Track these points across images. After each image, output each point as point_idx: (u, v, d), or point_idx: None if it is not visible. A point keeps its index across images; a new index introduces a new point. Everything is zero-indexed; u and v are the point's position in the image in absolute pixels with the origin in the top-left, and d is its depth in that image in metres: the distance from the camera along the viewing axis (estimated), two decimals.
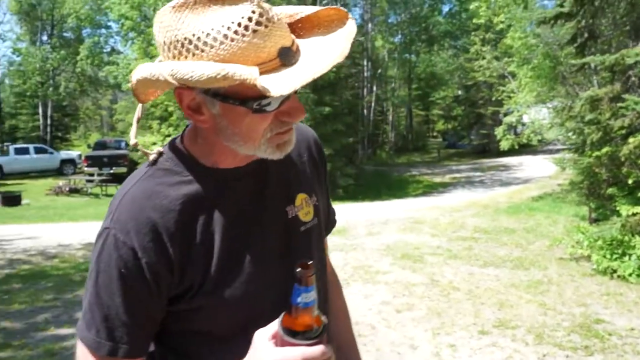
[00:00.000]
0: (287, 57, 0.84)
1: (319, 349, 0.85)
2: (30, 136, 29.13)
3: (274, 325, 0.88)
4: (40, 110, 29.24)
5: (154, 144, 19.96)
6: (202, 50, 0.81)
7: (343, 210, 11.03)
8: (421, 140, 43.94)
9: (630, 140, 6.54)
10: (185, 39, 0.82)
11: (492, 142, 29.48)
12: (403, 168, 28.31)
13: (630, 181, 6.68)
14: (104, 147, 23.39)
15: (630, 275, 5.96)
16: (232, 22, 0.80)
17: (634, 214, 6.20)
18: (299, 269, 0.84)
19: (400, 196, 17.64)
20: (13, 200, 15.52)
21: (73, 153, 25.52)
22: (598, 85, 8.60)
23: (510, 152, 26.26)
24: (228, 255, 0.97)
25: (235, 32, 0.80)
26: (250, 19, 0.80)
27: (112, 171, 20.24)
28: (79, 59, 27.59)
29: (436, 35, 35.92)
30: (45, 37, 30.26)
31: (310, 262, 0.85)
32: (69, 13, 27.66)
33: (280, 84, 0.80)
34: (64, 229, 10.72)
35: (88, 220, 12.07)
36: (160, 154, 1.01)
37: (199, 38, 0.81)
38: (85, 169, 20.66)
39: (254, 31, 0.80)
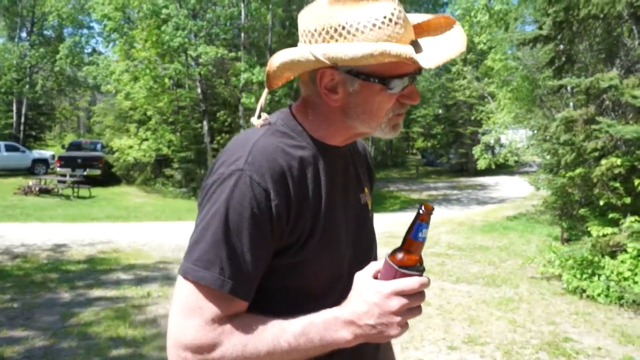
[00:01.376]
0: (416, 47, 1.02)
1: (427, 278, 0.98)
2: (2, 133, 28.35)
3: (371, 268, 1.02)
4: (14, 108, 28.49)
5: (131, 147, 19.63)
6: (354, 35, 0.98)
7: None
8: (400, 156, 44.18)
9: (603, 162, 6.61)
10: (339, 25, 0.99)
11: (470, 161, 29.77)
12: (381, 183, 28.35)
13: (601, 202, 6.73)
14: (79, 148, 22.92)
15: (599, 295, 5.97)
16: (379, 15, 0.98)
17: (604, 235, 6.22)
18: (422, 208, 0.98)
19: (378, 210, 17.53)
20: None
21: (46, 153, 24.90)
22: (574, 108, 8.70)
23: (488, 172, 26.51)
24: (329, 218, 1.10)
25: (382, 23, 0.98)
26: (393, 14, 0.98)
27: (85, 173, 19.82)
28: (58, 57, 26.75)
29: None
30: (24, 34, 29.47)
31: (431, 204, 0.98)
32: (50, 11, 26.97)
33: (428, 60, 0.99)
34: (30, 229, 10.43)
35: (57, 222, 11.79)
36: (268, 122, 1.13)
37: (351, 25, 0.98)
38: (58, 169, 20.16)
39: (396, 23, 0.98)
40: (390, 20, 0.98)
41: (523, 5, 14.00)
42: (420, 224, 0.97)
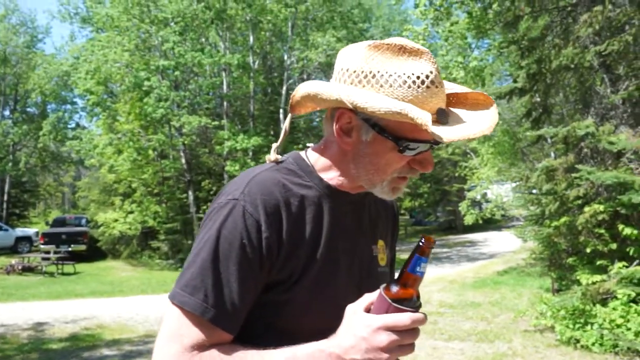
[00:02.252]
0: (442, 116, 0.99)
1: (422, 315, 0.94)
2: None
3: (364, 301, 0.98)
4: None
5: (116, 220, 19.44)
6: (381, 86, 0.97)
7: None
8: None
9: (586, 209, 6.64)
10: (370, 72, 0.99)
11: (457, 218, 29.76)
12: None
13: (588, 250, 6.71)
14: (63, 224, 22.60)
15: (593, 344, 5.85)
16: (413, 74, 0.97)
17: (593, 283, 6.17)
18: (423, 240, 0.94)
19: None
20: None
21: (30, 230, 24.51)
22: (555, 157, 8.82)
23: (476, 228, 26.49)
24: (327, 261, 1.08)
25: (413, 82, 0.96)
26: (427, 77, 0.97)
27: (70, 249, 19.46)
28: (41, 134, 26.75)
29: None
30: (7, 112, 29.51)
31: (433, 236, 0.94)
32: (33, 88, 27.16)
33: (446, 133, 0.95)
34: (11, 309, 10.10)
35: (39, 300, 11.46)
36: (279, 162, 1.14)
37: (382, 75, 0.98)
38: (42, 246, 19.81)
39: (427, 87, 0.97)
40: (423, 82, 0.96)
41: (498, 61, 14.43)
42: (419, 257, 0.93)
